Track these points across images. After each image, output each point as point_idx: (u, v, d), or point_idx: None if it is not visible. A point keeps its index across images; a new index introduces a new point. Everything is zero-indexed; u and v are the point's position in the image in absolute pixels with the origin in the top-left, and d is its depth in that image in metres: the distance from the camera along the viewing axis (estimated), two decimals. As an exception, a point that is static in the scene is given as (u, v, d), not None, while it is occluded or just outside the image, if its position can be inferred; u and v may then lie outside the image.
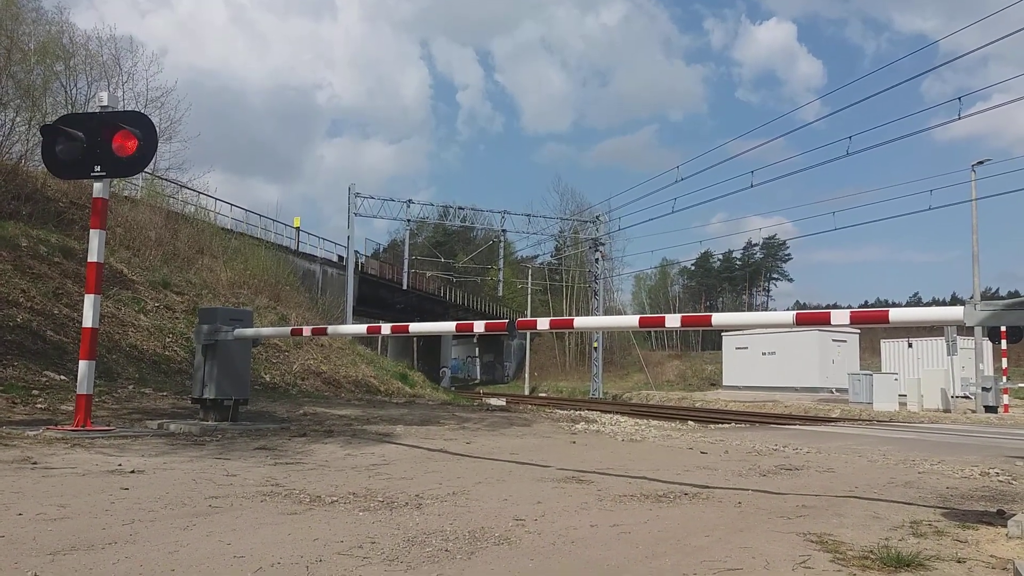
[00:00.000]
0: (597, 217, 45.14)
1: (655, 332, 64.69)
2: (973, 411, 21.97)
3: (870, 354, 42.00)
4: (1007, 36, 26.14)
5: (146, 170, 17.00)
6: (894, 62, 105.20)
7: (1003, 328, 3.66)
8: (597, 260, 45.18)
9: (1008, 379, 23.51)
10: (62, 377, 8.76)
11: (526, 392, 46.99)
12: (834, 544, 3.02)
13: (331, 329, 8.15)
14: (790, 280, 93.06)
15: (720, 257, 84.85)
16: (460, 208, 49.01)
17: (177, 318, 13.31)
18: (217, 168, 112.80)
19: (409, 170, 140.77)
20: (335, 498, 3.70)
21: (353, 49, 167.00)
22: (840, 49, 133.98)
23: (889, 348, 37.41)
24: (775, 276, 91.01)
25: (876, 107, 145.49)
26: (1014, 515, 3.36)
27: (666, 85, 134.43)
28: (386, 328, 6.63)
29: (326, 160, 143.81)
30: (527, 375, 53.62)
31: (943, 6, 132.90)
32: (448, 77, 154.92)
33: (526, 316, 48.90)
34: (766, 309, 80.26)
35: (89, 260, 6.44)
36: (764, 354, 39.21)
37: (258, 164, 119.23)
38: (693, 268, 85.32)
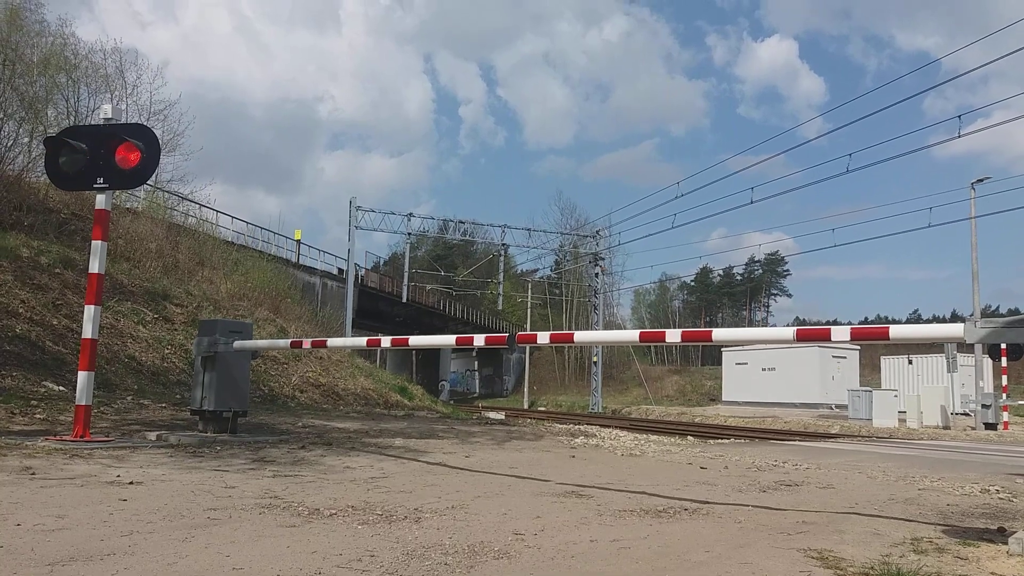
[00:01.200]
0: (597, 232, 45.29)
1: (655, 347, 64.68)
2: (973, 428, 21.91)
3: (870, 370, 41.96)
4: (1009, 54, 26.28)
5: (148, 182, 17.05)
6: (896, 80, 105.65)
7: (1003, 345, 3.67)
8: (597, 275, 45.23)
9: (1008, 396, 23.46)
10: (61, 388, 8.75)
11: (525, 406, 46.87)
12: (835, 560, 3.01)
13: (331, 342, 8.13)
14: (789, 296, 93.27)
15: (720, 273, 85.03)
16: (461, 222, 49.17)
17: (176, 330, 13.31)
18: (217, 179, 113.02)
19: (410, 183, 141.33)
20: (334, 511, 3.69)
21: (357, 62, 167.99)
22: (842, 66, 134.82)
23: (889, 365, 37.38)
24: (775, 292, 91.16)
25: (878, 124, 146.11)
26: (1015, 533, 3.35)
27: (667, 100, 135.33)
28: (386, 341, 6.63)
29: (326, 172, 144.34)
30: (526, 389, 53.51)
31: (945, 24, 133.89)
32: (451, 91, 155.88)
33: (526, 330, 48.85)
34: (766, 325, 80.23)
35: (90, 271, 6.45)
36: (764, 370, 39.17)
37: (258, 175, 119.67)
38: (693, 284, 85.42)
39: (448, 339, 6.35)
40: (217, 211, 26.04)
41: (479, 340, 6.02)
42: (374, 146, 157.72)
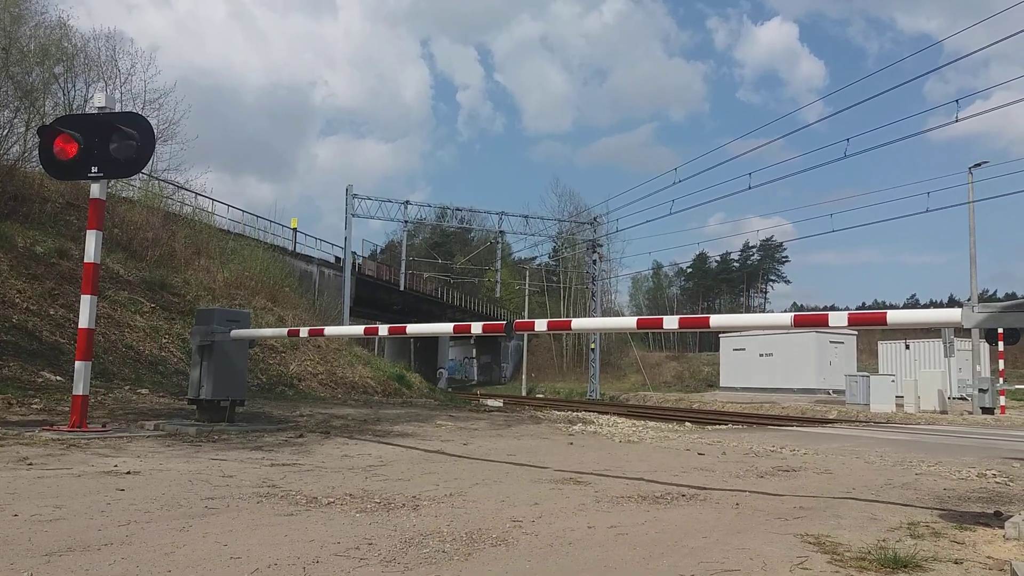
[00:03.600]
0: (595, 219, 45.22)
1: (652, 333, 64.76)
2: (970, 412, 21.99)
3: (867, 356, 42.08)
4: (1010, 36, 26.21)
5: (144, 171, 16.98)
6: (896, 63, 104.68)
7: (1000, 330, 3.67)
8: (595, 262, 45.22)
9: (1005, 381, 23.54)
10: (58, 378, 8.75)
11: (523, 393, 46.96)
12: (831, 545, 3.02)
13: (328, 330, 8.13)
14: (787, 282, 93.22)
15: (718, 259, 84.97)
16: (458, 209, 49.02)
17: (173, 319, 13.29)
18: (211, 167, 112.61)
19: (405, 169, 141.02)
20: (332, 499, 3.70)
21: (353, 47, 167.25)
22: (843, 49, 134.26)
23: (886, 350, 37.45)
24: (772, 278, 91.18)
25: (878, 108, 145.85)
26: (1011, 516, 3.36)
27: (666, 83, 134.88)
28: (383, 329, 6.62)
29: (320, 158, 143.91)
30: (524, 376, 53.58)
31: (946, 6, 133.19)
32: (449, 77, 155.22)
33: (524, 317, 48.90)
34: (763, 311, 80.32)
35: (86, 261, 6.43)
36: (761, 355, 39.26)
37: (252, 162, 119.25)
38: (690, 270, 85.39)
39: (446, 327, 6.32)
40: (213, 199, 25.98)
41: (477, 328, 6.02)
42: (368, 132, 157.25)
